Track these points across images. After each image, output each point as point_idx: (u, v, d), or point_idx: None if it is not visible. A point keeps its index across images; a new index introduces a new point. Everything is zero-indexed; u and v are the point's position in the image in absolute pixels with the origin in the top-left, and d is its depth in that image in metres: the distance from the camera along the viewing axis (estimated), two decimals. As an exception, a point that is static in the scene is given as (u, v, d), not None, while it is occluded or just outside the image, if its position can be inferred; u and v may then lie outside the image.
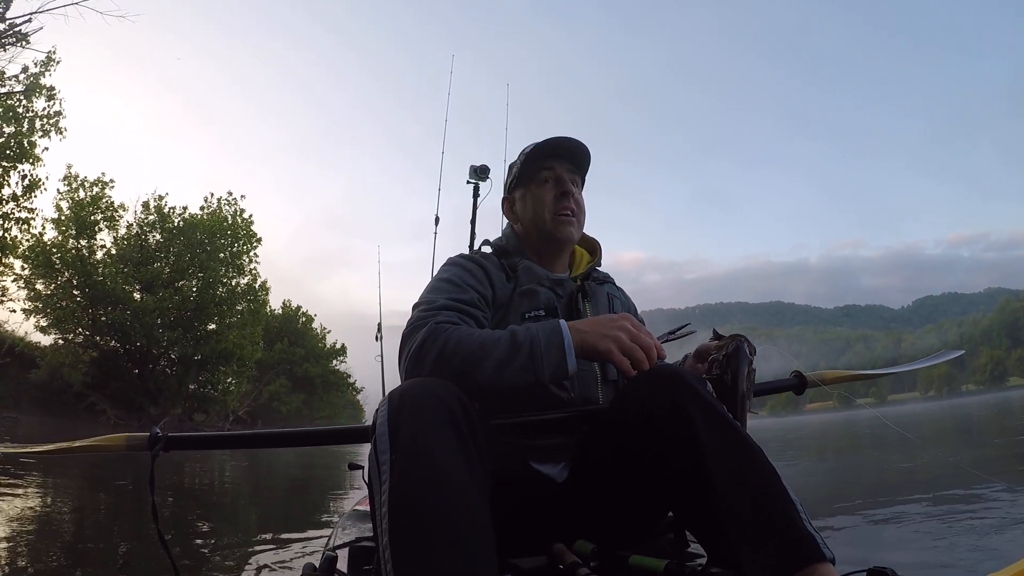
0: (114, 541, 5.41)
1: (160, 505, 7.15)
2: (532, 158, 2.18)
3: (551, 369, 1.63)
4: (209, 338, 37.58)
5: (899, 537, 4.81)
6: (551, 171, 2.17)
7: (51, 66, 26.15)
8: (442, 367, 1.66)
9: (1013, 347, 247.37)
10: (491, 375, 1.64)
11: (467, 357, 1.66)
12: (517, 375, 1.63)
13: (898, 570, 1.47)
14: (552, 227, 2.15)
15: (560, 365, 1.63)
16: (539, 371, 1.63)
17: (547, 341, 1.65)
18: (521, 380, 1.64)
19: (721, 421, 1.55)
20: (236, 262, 39.51)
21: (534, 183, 2.19)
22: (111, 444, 2.26)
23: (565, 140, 2.17)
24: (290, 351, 52.09)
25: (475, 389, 1.64)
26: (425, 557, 1.25)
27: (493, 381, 1.64)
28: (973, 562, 3.68)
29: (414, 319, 1.83)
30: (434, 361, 1.66)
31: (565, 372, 1.64)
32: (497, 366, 1.64)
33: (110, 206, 35.99)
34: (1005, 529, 4.64)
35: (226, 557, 4.88)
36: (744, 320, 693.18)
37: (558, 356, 1.63)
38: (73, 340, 34.35)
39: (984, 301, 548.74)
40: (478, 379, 1.64)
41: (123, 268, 35.41)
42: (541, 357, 1.63)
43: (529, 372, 1.63)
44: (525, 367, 1.63)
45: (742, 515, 1.41)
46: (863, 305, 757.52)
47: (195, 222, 38.16)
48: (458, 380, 1.62)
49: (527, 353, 1.64)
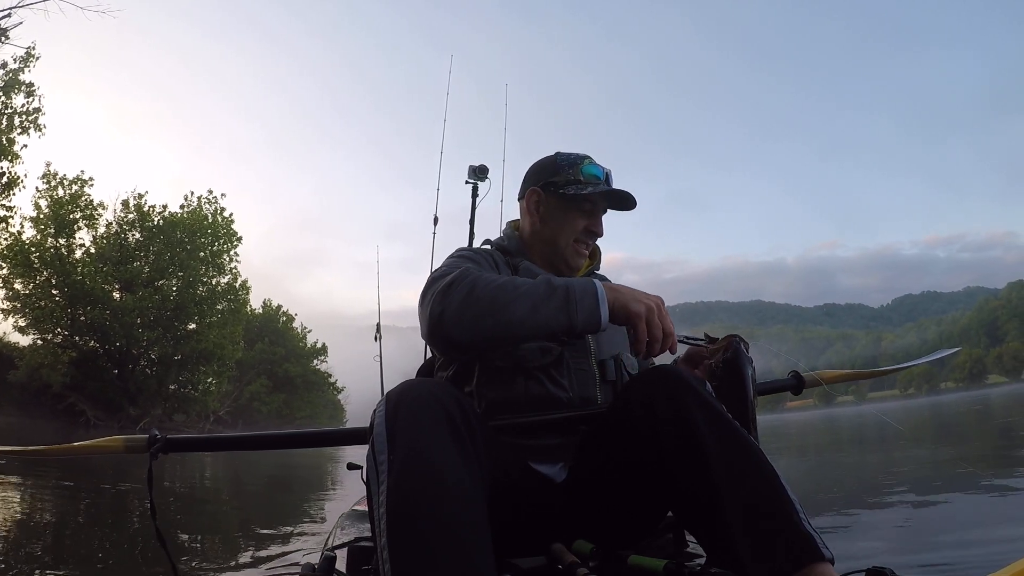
0: (105, 543, 5.38)
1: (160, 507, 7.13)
2: (583, 184, 2.15)
3: (585, 315, 1.63)
4: (189, 338, 37.50)
5: (894, 535, 4.84)
6: (593, 206, 2.17)
7: (30, 62, 26.04)
8: (471, 304, 1.66)
9: (992, 345, 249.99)
10: (525, 313, 1.63)
11: (499, 294, 1.66)
12: (551, 316, 1.63)
13: (897, 570, 1.47)
14: (567, 253, 2.17)
15: (593, 313, 1.63)
16: (573, 315, 1.62)
17: (582, 289, 1.65)
18: (555, 322, 1.63)
19: (720, 421, 1.55)
20: (216, 261, 39.45)
21: (571, 204, 2.16)
22: (109, 446, 2.23)
23: (622, 193, 2.17)
24: (270, 351, 51.91)
25: (504, 326, 1.64)
26: (423, 557, 1.25)
27: (525, 319, 1.63)
28: (970, 560, 3.70)
29: (437, 272, 1.83)
30: (463, 298, 1.66)
31: (598, 322, 1.64)
32: (532, 304, 1.63)
33: (89, 204, 35.86)
34: (1000, 527, 4.67)
35: (224, 558, 4.87)
36: (725, 319, 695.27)
37: (592, 305, 1.63)
38: (52, 340, 34.21)
39: (963, 300, 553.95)
40: (510, 315, 1.64)
41: (102, 267, 35.28)
42: (577, 302, 1.63)
43: (563, 314, 1.62)
44: (560, 308, 1.62)
45: (741, 515, 1.41)
46: (843, 304, 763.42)
47: (175, 220, 38.06)
48: (487, 318, 1.64)
49: (563, 296, 1.63)
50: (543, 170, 2.22)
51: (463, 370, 1.99)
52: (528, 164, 2.30)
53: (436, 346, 1.78)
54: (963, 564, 3.63)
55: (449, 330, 1.67)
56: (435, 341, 1.74)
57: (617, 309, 1.64)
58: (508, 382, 1.91)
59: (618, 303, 1.65)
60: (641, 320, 1.63)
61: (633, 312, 1.63)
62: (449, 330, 1.67)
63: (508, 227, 2.34)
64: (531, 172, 2.26)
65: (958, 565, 3.63)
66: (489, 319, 1.63)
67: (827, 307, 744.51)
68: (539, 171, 2.24)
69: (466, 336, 1.67)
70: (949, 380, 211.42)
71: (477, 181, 4.32)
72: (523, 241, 2.24)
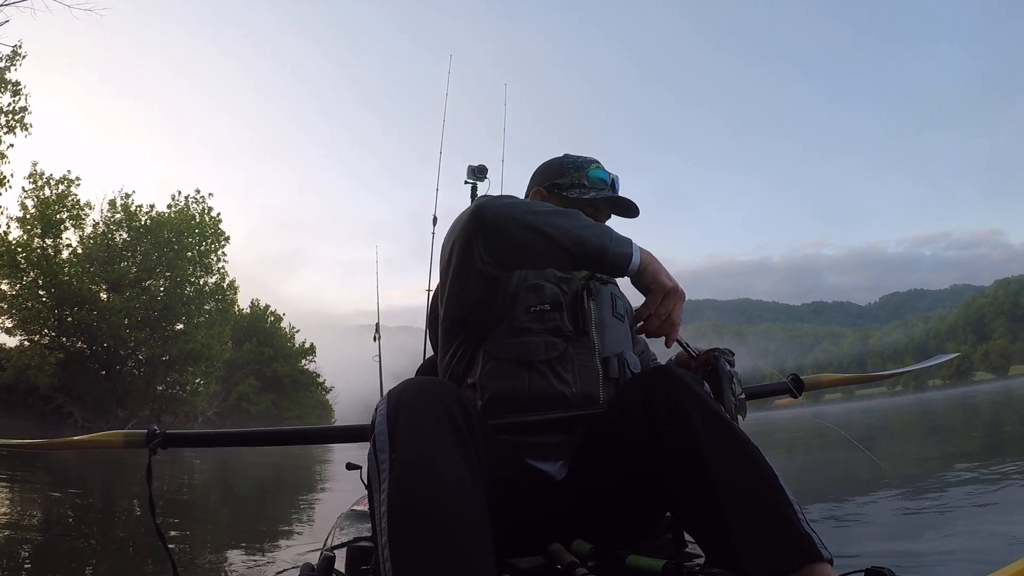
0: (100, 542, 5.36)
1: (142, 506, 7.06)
2: (587, 189, 2.17)
3: (619, 248, 1.67)
4: (177, 338, 37.27)
5: (889, 535, 4.85)
6: (596, 212, 2.17)
7: (17, 60, 25.81)
8: (518, 201, 1.73)
9: (979, 342, 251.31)
10: (566, 223, 1.68)
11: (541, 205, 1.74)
12: (590, 235, 1.67)
13: (895, 570, 1.48)
14: None
15: (627, 251, 1.67)
16: (607, 243, 1.67)
17: (620, 235, 1.69)
18: (589, 242, 1.67)
19: (719, 421, 1.56)
20: (204, 261, 39.20)
21: (573, 207, 2.08)
22: (108, 440, 2.24)
23: (626, 202, 2.18)
24: (259, 351, 51.61)
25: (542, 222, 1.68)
26: (424, 557, 1.25)
27: (563, 224, 1.68)
28: (965, 559, 3.72)
29: None
30: (511, 198, 1.73)
31: (628, 262, 1.68)
32: (572, 220, 1.69)
33: (76, 204, 35.57)
34: (998, 527, 4.69)
35: (222, 558, 4.86)
36: (714, 317, 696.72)
37: (628, 245, 1.68)
38: (39, 341, 33.97)
39: (949, 298, 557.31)
40: (550, 217, 1.69)
41: (89, 267, 35.03)
42: (613, 238, 1.68)
43: (599, 240, 1.67)
44: (599, 235, 1.68)
45: (740, 515, 1.42)
46: (830, 302, 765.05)
47: (162, 220, 37.83)
48: (528, 211, 1.70)
49: (602, 227, 1.70)
50: (549, 171, 2.23)
51: (467, 361, 1.98)
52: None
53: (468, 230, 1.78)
54: (962, 564, 3.64)
55: (488, 213, 1.71)
56: (472, 221, 1.75)
57: (648, 270, 1.68)
58: (512, 375, 1.90)
59: (652, 267, 1.68)
60: (661, 295, 1.67)
61: (661, 283, 1.67)
62: (488, 213, 1.71)
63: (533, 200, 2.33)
64: (538, 172, 2.27)
65: (957, 565, 3.65)
66: (530, 211, 1.70)
67: (815, 305, 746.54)
68: (545, 171, 2.24)
69: (504, 218, 1.70)
70: (936, 378, 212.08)
71: (476, 181, 4.31)
72: None
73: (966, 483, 6.73)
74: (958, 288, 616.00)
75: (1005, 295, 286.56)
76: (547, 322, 1.96)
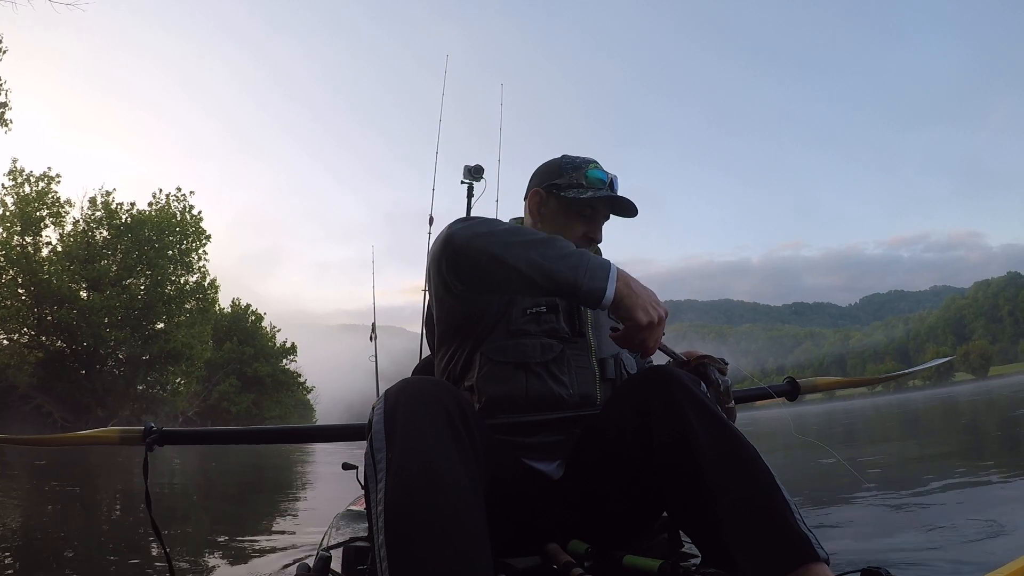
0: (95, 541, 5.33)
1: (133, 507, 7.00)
2: (585, 189, 2.14)
3: (591, 283, 1.58)
4: (157, 337, 37.08)
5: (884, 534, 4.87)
6: (594, 212, 2.16)
7: (-2, 55, 25.57)
8: (489, 230, 1.67)
9: (958, 343, 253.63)
10: (537, 258, 1.61)
11: (518, 234, 1.66)
12: (562, 268, 1.59)
13: (891, 570, 1.49)
14: None
15: (600, 286, 1.58)
16: (582, 279, 1.58)
17: (598, 264, 1.62)
18: (562, 276, 1.59)
19: (715, 421, 1.57)
20: (185, 259, 39.04)
21: (572, 208, 2.15)
22: (105, 436, 2.25)
23: (624, 201, 2.16)
24: (239, 350, 51.37)
25: (513, 254, 1.62)
26: (421, 556, 1.26)
27: (537, 261, 1.61)
28: (967, 560, 3.73)
29: None
30: (484, 224, 1.68)
31: (600, 297, 1.58)
32: (545, 253, 1.61)
33: (56, 202, 35.32)
34: (996, 525, 4.71)
35: (217, 558, 4.81)
36: (695, 318, 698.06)
37: (602, 278, 1.59)
38: (18, 340, 33.68)
39: (930, 299, 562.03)
40: (522, 252, 1.62)
41: (69, 266, 34.81)
42: (589, 269, 1.59)
43: (572, 273, 1.58)
44: (573, 268, 1.59)
45: (736, 515, 1.43)
46: (811, 303, 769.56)
47: (143, 218, 37.59)
48: (499, 245, 1.64)
49: (577, 258, 1.61)
50: (548, 171, 2.22)
51: (464, 364, 1.99)
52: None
53: (441, 258, 1.77)
54: (961, 563, 3.66)
55: (458, 243, 1.69)
56: (443, 251, 1.74)
57: (624, 305, 1.60)
58: (509, 378, 1.90)
59: (628, 300, 1.60)
60: (638, 330, 1.61)
61: (635, 319, 1.60)
62: (458, 243, 1.69)
63: (512, 223, 2.32)
64: (537, 172, 2.25)
65: (950, 565, 3.66)
66: (501, 249, 1.63)
67: (796, 306, 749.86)
68: (544, 172, 2.23)
69: (473, 253, 1.67)
70: (916, 378, 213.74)
71: (472, 181, 4.31)
72: None
73: (951, 483, 6.75)
74: (938, 289, 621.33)
75: (985, 297, 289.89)
76: (543, 324, 1.96)
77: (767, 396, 2.48)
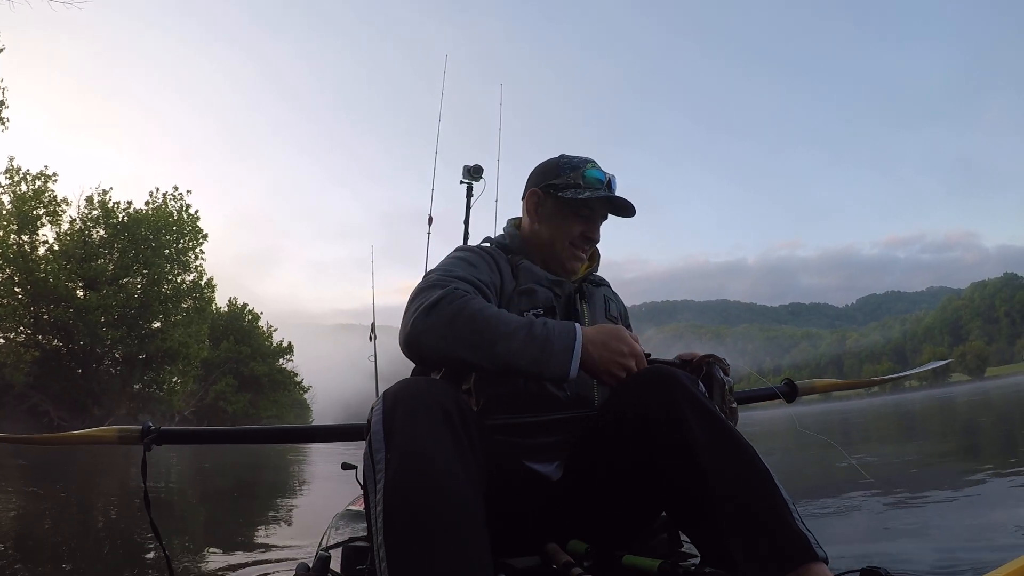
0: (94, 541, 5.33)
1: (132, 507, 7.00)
2: (582, 189, 2.14)
3: (555, 370, 1.66)
4: (154, 336, 36.99)
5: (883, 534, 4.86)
6: (591, 212, 2.16)
7: (-5, 53, 25.48)
8: (453, 329, 1.66)
9: (955, 344, 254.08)
10: (501, 354, 1.65)
11: (482, 328, 1.67)
12: (524, 365, 1.66)
13: (890, 569, 1.49)
14: (563, 256, 2.16)
15: (562, 372, 1.67)
16: (545, 369, 1.65)
17: (561, 344, 1.67)
18: (527, 368, 1.66)
19: (714, 421, 1.57)
20: (181, 258, 38.96)
21: (569, 208, 2.15)
22: (103, 436, 2.24)
23: (621, 201, 2.16)
24: (236, 349, 51.29)
25: (477, 361, 1.66)
26: (420, 557, 1.26)
27: (499, 360, 1.66)
28: (965, 559, 3.73)
29: (431, 279, 1.84)
30: (447, 320, 1.67)
31: (565, 377, 1.67)
32: (508, 348, 1.65)
33: (53, 201, 35.21)
34: (994, 524, 4.71)
35: (216, 558, 4.80)
36: (691, 318, 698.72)
37: (565, 360, 1.66)
38: (15, 339, 33.61)
39: (926, 300, 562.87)
40: (485, 351, 1.65)
41: (66, 264, 34.69)
42: (551, 356, 1.65)
43: (535, 366, 1.65)
44: (535, 360, 1.65)
45: (735, 515, 1.43)
46: (808, 303, 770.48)
47: (140, 217, 37.49)
48: (463, 349, 1.65)
49: (539, 347, 1.65)
50: (545, 171, 2.21)
51: None
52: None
53: (408, 356, 1.79)
54: (959, 563, 3.65)
55: (424, 350, 1.70)
56: (409, 353, 1.75)
57: (591, 371, 1.72)
58: (507, 380, 1.90)
59: (593, 368, 1.72)
60: (612, 382, 1.74)
61: (606, 382, 1.76)
62: (424, 350, 1.70)
63: (509, 224, 2.33)
64: (534, 172, 2.24)
65: (948, 565, 3.66)
66: (465, 351, 1.66)
67: (792, 306, 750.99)
68: (542, 172, 2.22)
69: (438, 358, 1.70)
70: (913, 379, 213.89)
71: (472, 181, 4.30)
72: (523, 239, 2.23)
73: (949, 483, 6.76)
74: (934, 290, 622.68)
75: (981, 297, 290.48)
76: None
77: (766, 396, 2.48)
